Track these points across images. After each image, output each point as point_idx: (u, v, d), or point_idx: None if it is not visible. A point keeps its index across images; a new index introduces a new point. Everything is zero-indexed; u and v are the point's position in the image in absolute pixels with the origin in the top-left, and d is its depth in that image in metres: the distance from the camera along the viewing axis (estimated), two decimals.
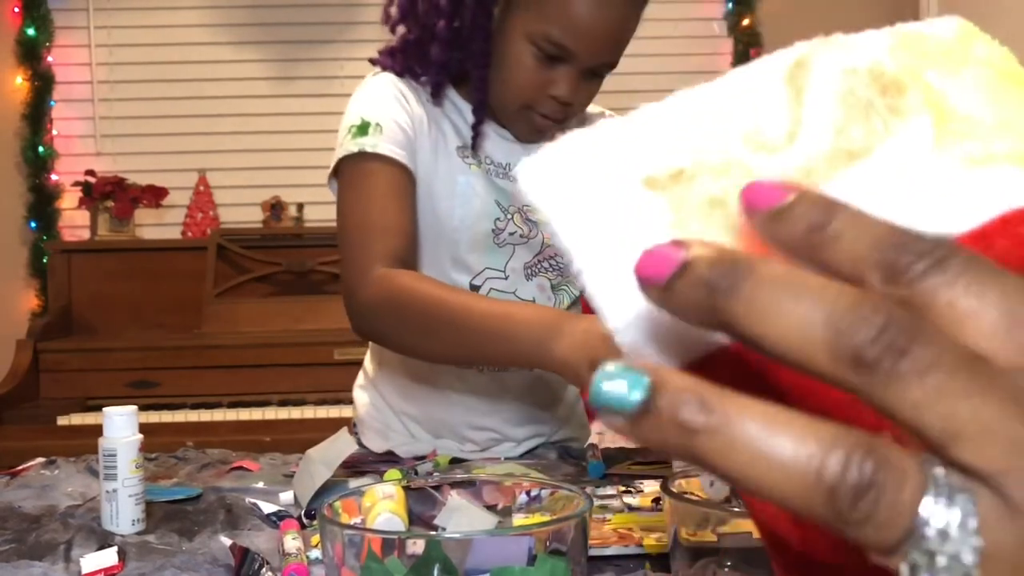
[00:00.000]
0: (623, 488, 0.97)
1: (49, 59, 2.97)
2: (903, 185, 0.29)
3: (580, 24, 1.03)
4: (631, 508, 0.90)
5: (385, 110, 1.10)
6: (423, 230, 1.13)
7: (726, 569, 0.62)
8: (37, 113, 2.95)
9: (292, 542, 0.80)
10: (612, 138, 0.31)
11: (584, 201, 0.30)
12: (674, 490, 0.65)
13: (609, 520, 0.86)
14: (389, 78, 1.14)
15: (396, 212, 1.06)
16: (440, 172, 1.13)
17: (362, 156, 1.07)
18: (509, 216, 1.16)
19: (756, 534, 0.62)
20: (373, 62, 1.18)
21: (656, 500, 0.91)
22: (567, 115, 1.11)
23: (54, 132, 3.00)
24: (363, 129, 1.08)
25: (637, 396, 0.23)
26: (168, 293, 2.72)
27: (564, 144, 0.31)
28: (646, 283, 0.25)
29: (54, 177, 2.97)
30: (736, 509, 0.66)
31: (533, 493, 0.69)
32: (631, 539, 0.80)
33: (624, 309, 0.28)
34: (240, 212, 3.01)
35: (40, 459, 1.17)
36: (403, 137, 1.09)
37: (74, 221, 2.99)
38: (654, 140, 0.31)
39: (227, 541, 0.83)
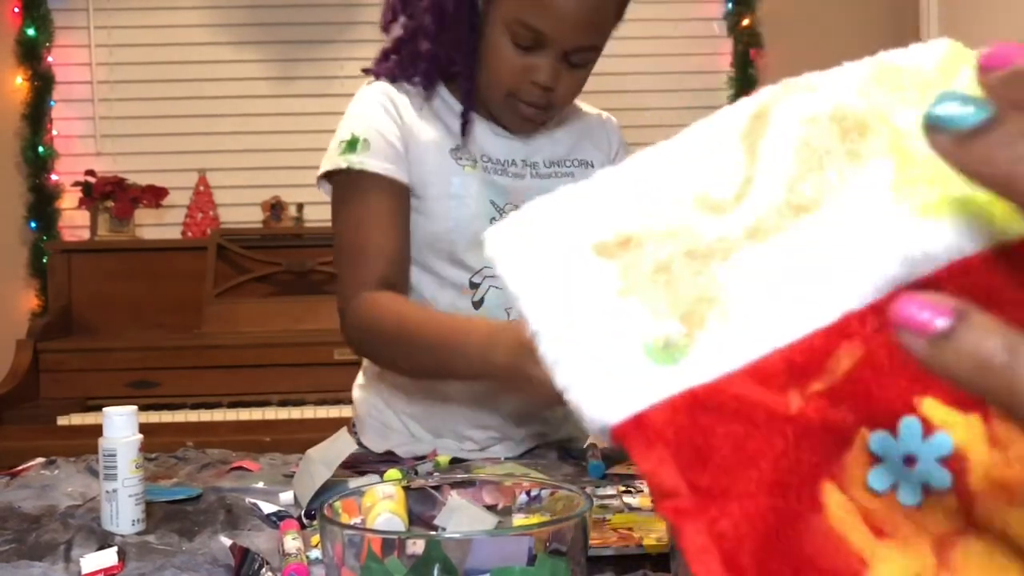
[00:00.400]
0: (623, 488, 0.97)
1: (49, 59, 2.97)
2: (845, 236, 0.29)
3: (552, 7, 1.05)
4: (631, 508, 0.90)
5: (374, 124, 1.13)
6: (420, 232, 1.15)
7: None
8: (37, 113, 2.95)
9: (292, 542, 0.80)
10: (570, 204, 0.32)
11: (540, 268, 0.32)
12: None
13: (609, 520, 0.86)
14: (380, 87, 1.16)
15: (382, 234, 1.11)
16: (434, 175, 1.14)
17: (352, 173, 1.11)
18: (505, 214, 1.17)
19: None
20: (367, 72, 1.20)
21: None
22: (550, 102, 1.12)
23: (54, 132, 3.00)
24: (352, 145, 1.12)
25: (978, 116, 0.24)
26: (168, 293, 2.72)
27: (527, 212, 0.33)
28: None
29: (54, 177, 2.97)
30: None
31: (533, 493, 0.69)
32: (631, 539, 0.80)
33: (575, 371, 0.29)
34: (240, 212, 3.01)
35: (40, 459, 1.17)
36: (392, 151, 1.12)
37: (74, 221, 2.99)
38: (609, 206, 0.32)
39: (227, 541, 0.83)
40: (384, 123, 1.13)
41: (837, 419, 0.29)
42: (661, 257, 0.30)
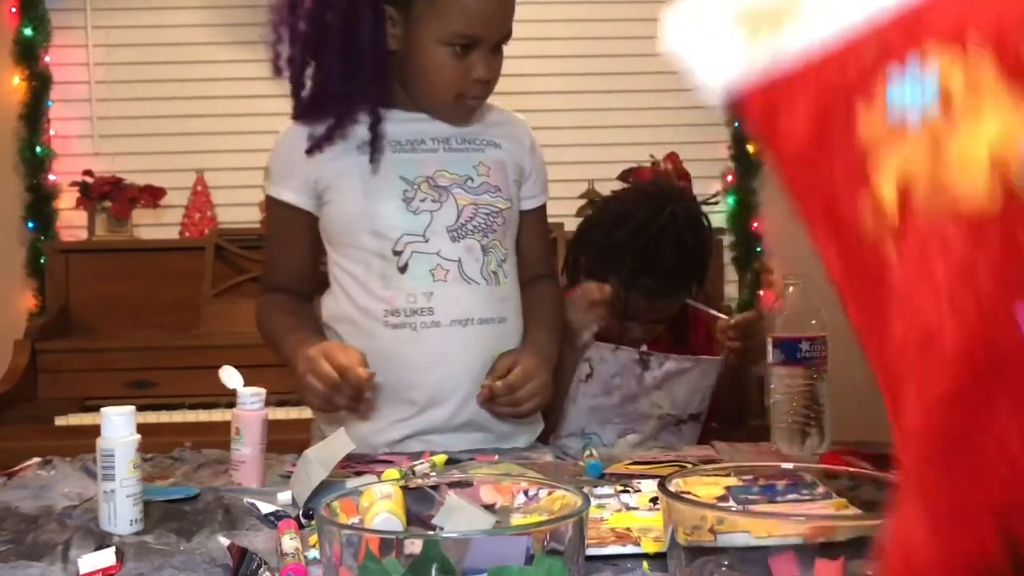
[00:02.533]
0: (621, 488, 0.97)
1: (46, 59, 2.96)
2: None
3: (477, 13, 1.23)
4: (629, 508, 0.91)
5: (284, 156, 1.35)
6: (344, 220, 1.30)
7: (723, 569, 0.62)
8: (34, 113, 2.94)
9: (290, 542, 0.80)
10: None
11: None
12: (672, 490, 0.65)
13: (607, 520, 0.86)
14: (293, 123, 1.35)
15: (286, 253, 1.38)
16: (347, 173, 1.29)
17: (271, 198, 1.36)
18: (416, 186, 1.29)
19: (753, 534, 0.62)
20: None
21: (654, 500, 0.91)
22: (489, 90, 1.31)
23: (51, 132, 2.99)
24: (268, 173, 1.36)
25: None
26: (166, 293, 2.71)
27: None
28: None
29: (52, 177, 2.96)
30: (734, 509, 0.66)
31: (531, 493, 0.70)
32: (628, 539, 0.80)
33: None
34: (238, 212, 3.00)
35: (36, 459, 1.17)
36: (297, 180, 1.32)
37: (72, 221, 2.99)
38: None
39: (225, 541, 0.83)
40: (294, 155, 1.31)
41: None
42: None
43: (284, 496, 1.00)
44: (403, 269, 1.27)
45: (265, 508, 0.95)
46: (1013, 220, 0.38)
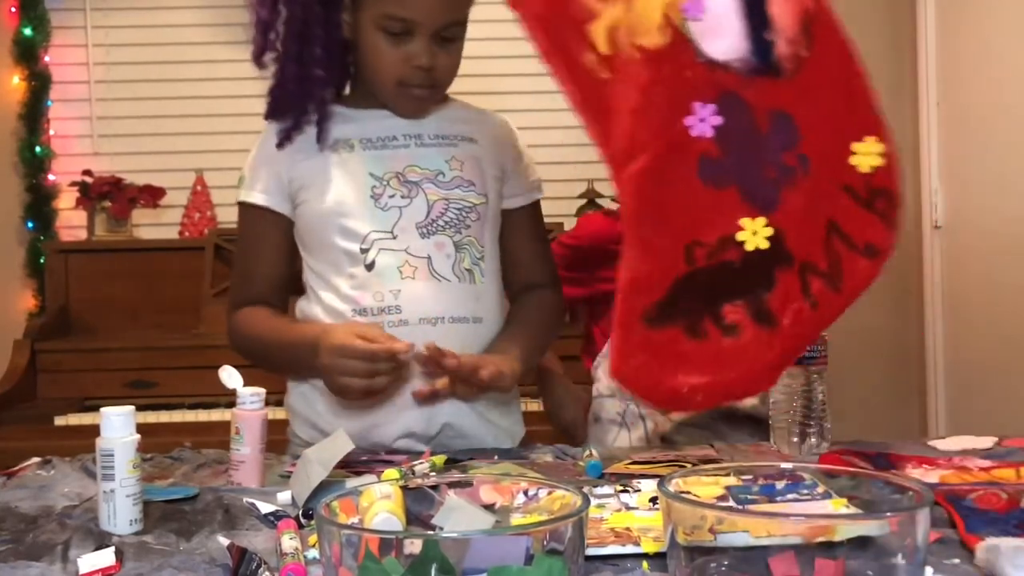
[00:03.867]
0: (620, 487, 0.97)
1: (46, 59, 2.96)
2: None
3: None
4: (628, 507, 0.91)
5: (259, 161, 1.31)
6: (314, 220, 1.28)
7: (723, 569, 0.62)
8: (34, 113, 2.94)
9: (289, 542, 0.80)
10: None
11: None
12: (671, 490, 0.65)
13: (606, 520, 0.86)
14: (268, 125, 1.32)
15: (255, 258, 1.33)
16: (315, 172, 1.28)
17: (245, 204, 1.32)
18: (385, 182, 1.27)
19: (753, 534, 0.62)
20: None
21: (653, 500, 0.91)
22: (434, 81, 1.26)
23: (51, 132, 2.99)
24: (241, 180, 1.33)
25: None
26: (166, 293, 2.71)
27: None
28: None
29: (51, 177, 2.96)
30: (733, 509, 0.66)
31: (531, 492, 0.70)
32: (628, 538, 0.80)
33: None
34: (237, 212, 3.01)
35: (36, 459, 1.17)
36: (270, 182, 1.29)
37: (71, 221, 2.99)
38: None
39: (225, 541, 0.83)
40: (267, 159, 1.30)
41: None
42: None
43: (284, 496, 1.00)
44: (370, 267, 1.24)
45: (265, 508, 0.95)
46: (678, 50, 0.62)
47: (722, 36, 0.66)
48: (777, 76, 0.68)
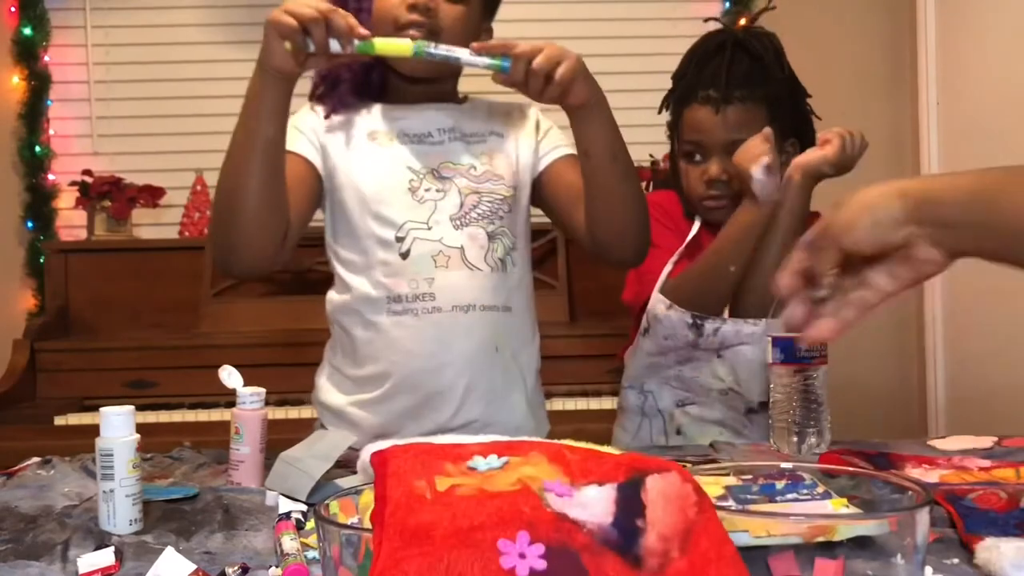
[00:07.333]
0: None
1: (46, 59, 2.96)
2: None
3: None
4: None
5: (299, 125, 1.34)
6: (351, 200, 1.31)
7: None
8: (34, 113, 2.94)
9: (290, 542, 0.80)
10: None
11: None
12: None
13: None
14: (308, 105, 1.38)
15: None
16: (356, 156, 1.32)
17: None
18: (422, 176, 1.31)
19: (753, 534, 0.62)
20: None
21: None
22: (432, 27, 1.25)
23: (51, 132, 2.99)
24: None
25: None
26: (165, 293, 2.71)
27: None
28: None
29: (51, 177, 2.96)
30: (733, 509, 0.66)
31: None
32: None
33: None
34: None
35: (35, 459, 1.17)
36: (308, 144, 1.32)
37: (71, 221, 2.99)
38: None
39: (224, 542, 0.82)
40: (306, 125, 1.34)
41: None
42: None
43: (271, 498, 0.99)
44: (405, 255, 1.28)
45: (284, 506, 0.94)
46: (525, 496, 0.53)
47: (586, 509, 0.53)
48: (636, 567, 0.51)
